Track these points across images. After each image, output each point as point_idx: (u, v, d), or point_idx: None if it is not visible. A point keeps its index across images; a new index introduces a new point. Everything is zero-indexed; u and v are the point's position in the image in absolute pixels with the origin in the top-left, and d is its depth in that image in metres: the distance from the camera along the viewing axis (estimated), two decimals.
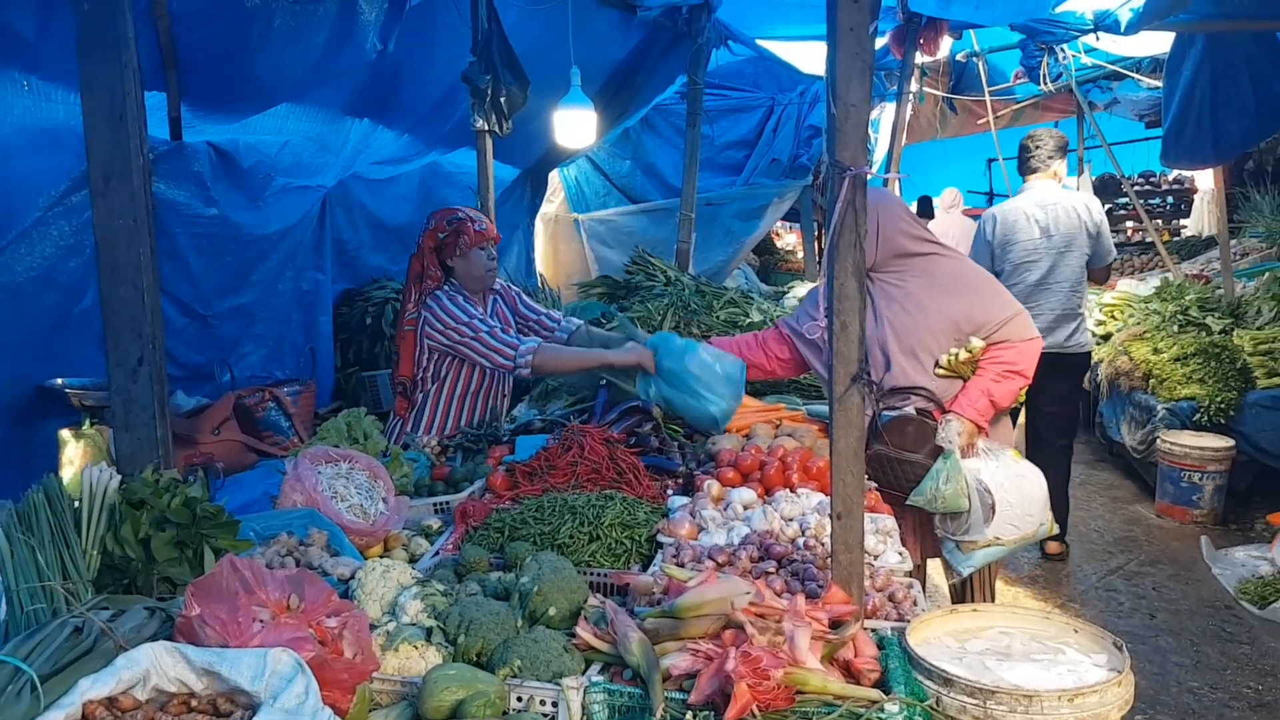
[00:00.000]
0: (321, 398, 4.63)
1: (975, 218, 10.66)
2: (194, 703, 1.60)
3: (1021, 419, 6.14)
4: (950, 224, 10.70)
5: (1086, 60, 7.63)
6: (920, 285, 3.44)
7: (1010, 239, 5.51)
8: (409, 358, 3.96)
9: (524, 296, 4.28)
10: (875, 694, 1.86)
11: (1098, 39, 6.37)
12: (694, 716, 1.74)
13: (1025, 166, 5.58)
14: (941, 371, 3.46)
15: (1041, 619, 2.20)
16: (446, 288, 3.95)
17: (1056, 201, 5.46)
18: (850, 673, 1.98)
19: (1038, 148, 5.52)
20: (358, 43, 3.93)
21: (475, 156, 5.22)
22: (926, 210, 12.19)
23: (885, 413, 3.36)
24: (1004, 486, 3.17)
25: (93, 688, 1.53)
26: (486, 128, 4.85)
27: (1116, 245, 13.11)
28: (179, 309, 4.09)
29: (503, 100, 4.78)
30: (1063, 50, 6.90)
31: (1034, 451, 5.46)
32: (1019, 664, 2.03)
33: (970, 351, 3.43)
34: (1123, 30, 5.45)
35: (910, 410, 3.36)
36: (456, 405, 4.02)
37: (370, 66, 4.21)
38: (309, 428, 4.25)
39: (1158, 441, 6.48)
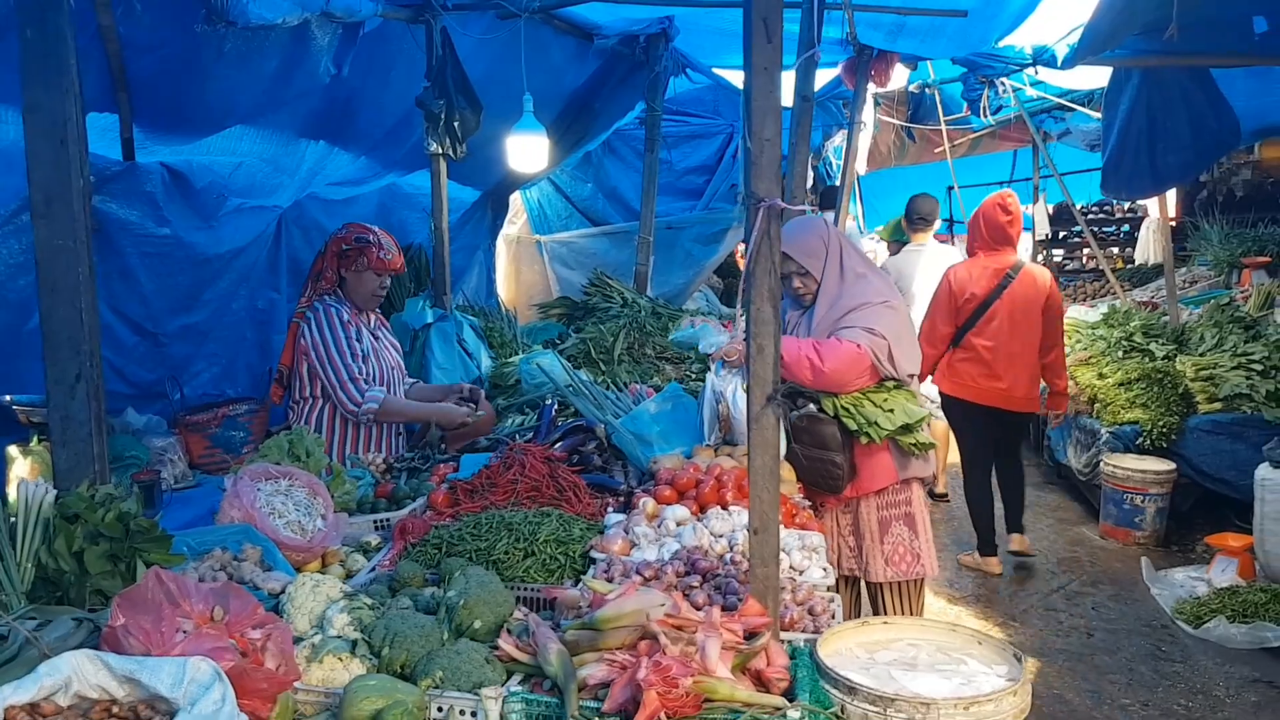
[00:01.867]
0: (276, 417, 4.66)
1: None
2: (115, 709, 1.65)
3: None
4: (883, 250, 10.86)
5: (1032, 93, 7.84)
6: (844, 291, 3.58)
7: None
8: (291, 347, 4.12)
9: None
10: (780, 701, 1.94)
11: (1036, 72, 6.57)
12: None
13: None
14: None
15: (948, 630, 2.30)
16: (332, 299, 4.10)
17: None
18: (761, 682, 2.06)
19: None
20: (310, 68, 4.00)
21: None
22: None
23: (794, 412, 3.48)
24: (740, 407, 3.46)
25: (14, 694, 1.58)
26: (441, 151, 4.94)
27: (1074, 272, 13.49)
28: (130, 327, 4.12)
29: (456, 124, 4.87)
30: (1003, 83, 7.11)
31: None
32: (923, 674, 2.12)
33: None
34: (1060, 65, 5.64)
35: (812, 408, 3.48)
36: (350, 428, 4.15)
37: (325, 91, 4.28)
38: (259, 447, 4.28)
39: (1101, 464, 6.63)
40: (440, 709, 1.99)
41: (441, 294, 5.25)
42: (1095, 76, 7.10)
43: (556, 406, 4.06)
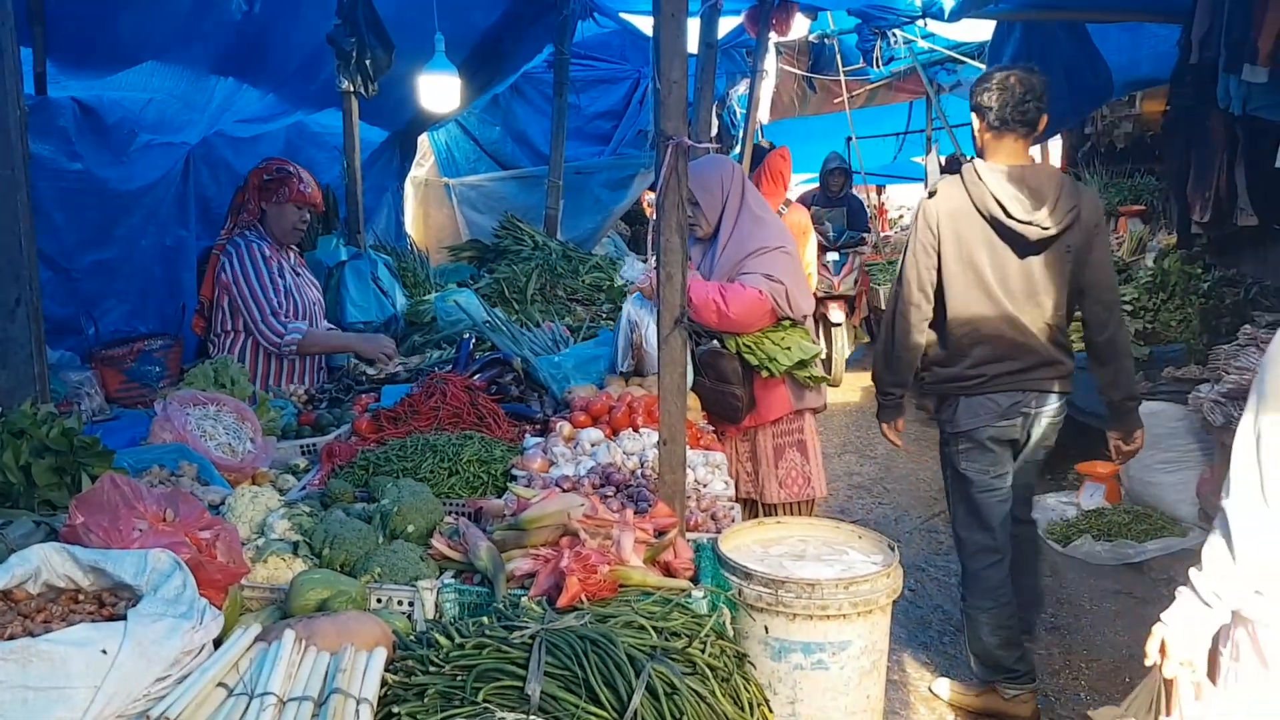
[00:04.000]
0: (188, 353, 4.71)
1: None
2: (81, 596, 1.80)
3: None
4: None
5: (924, 45, 8.16)
6: (745, 234, 3.82)
7: None
8: (211, 280, 4.21)
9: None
10: (685, 584, 2.19)
11: (926, 24, 6.88)
12: (528, 602, 2.03)
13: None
14: None
15: (833, 528, 2.58)
16: (253, 234, 4.18)
17: None
18: (669, 571, 2.31)
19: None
20: (224, 3, 4.03)
21: (341, 117, 5.36)
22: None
23: (700, 347, 3.73)
24: (651, 339, 3.69)
25: None
26: (352, 89, 4.99)
27: None
28: (43, 262, 4.07)
29: (368, 63, 4.93)
30: (894, 35, 7.40)
31: None
32: (810, 563, 2.40)
33: None
34: (946, 17, 5.93)
35: (716, 344, 3.73)
36: (274, 362, 4.23)
37: (236, 27, 4.29)
38: (174, 382, 4.34)
39: None
40: (380, 600, 2.18)
41: (355, 232, 5.33)
42: (985, 30, 7.44)
43: (474, 341, 4.22)
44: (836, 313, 9.87)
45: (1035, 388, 3.62)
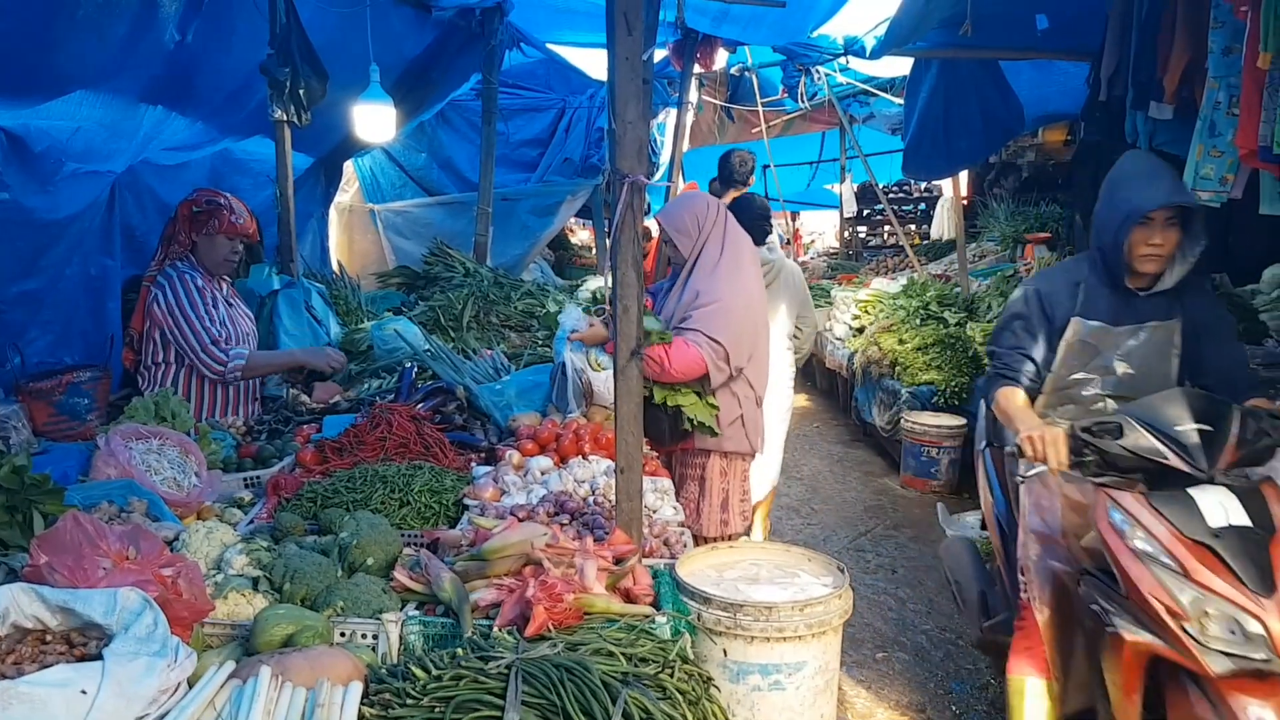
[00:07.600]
0: (115, 385, 4.59)
1: None
2: (48, 637, 1.78)
3: None
4: None
5: (841, 79, 8.44)
6: (698, 282, 3.88)
7: None
8: (142, 312, 4.17)
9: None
10: (648, 610, 2.25)
11: (848, 61, 7.13)
12: (499, 632, 2.07)
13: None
14: None
15: (784, 551, 2.67)
16: (184, 264, 4.14)
17: None
18: (630, 598, 2.37)
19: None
20: (157, 34, 3.98)
21: (267, 144, 5.30)
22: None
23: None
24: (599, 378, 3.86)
25: None
26: (285, 118, 4.96)
27: (876, 247, 14.40)
28: None
29: (301, 92, 4.90)
30: (817, 71, 7.66)
31: None
32: (764, 586, 2.49)
33: None
34: (868, 55, 6.16)
35: None
36: (209, 389, 4.17)
37: (168, 56, 4.23)
38: (103, 414, 4.24)
39: (902, 421, 7.30)
40: (343, 634, 2.19)
41: (288, 261, 5.27)
42: (897, 65, 7.72)
43: (416, 370, 4.22)
44: None
45: None
